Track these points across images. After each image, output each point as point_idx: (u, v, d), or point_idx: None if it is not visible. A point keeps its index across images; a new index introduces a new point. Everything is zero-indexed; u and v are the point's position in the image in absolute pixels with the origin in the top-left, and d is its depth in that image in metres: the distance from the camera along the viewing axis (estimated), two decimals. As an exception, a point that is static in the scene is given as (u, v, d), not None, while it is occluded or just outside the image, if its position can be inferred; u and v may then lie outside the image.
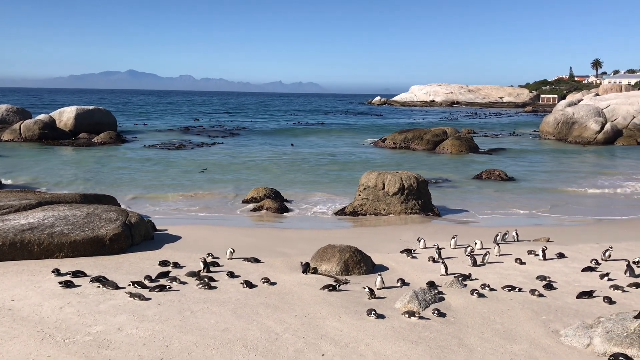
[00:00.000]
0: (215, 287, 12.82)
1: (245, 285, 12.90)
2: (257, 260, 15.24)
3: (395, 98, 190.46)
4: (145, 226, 17.64)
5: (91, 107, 58.06)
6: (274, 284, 13.20)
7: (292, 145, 53.31)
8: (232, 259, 15.40)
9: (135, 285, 12.57)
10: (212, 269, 14.33)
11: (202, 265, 14.18)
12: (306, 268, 14.31)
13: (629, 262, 14.62)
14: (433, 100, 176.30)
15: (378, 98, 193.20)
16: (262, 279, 13.33)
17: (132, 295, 11.85)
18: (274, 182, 30.25)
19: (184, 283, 13.06)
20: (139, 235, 16.96)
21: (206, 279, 13.21)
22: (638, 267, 14.89)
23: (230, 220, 22.42)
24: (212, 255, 15.58)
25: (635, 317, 10.14)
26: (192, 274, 13.67)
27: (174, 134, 61.97)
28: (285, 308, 11.52)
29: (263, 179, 32.33)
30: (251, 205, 24.75)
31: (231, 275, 13.79)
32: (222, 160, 41.94)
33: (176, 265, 14.58)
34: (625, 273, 14.22)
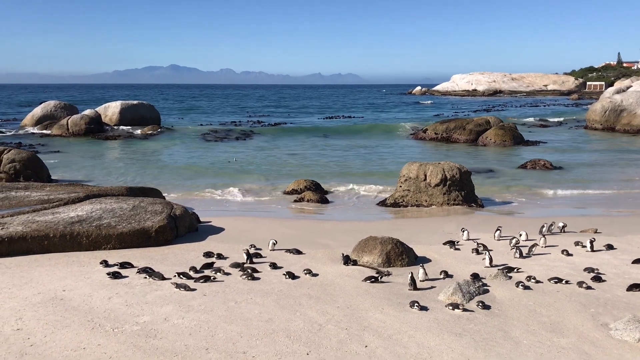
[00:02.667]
0: (258, 278, 12.96)
1: (287, 277, 13.00)
2: (298, 252, 15.33)
3: (436, 87, 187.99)
4: (190, 218, 17.94)
5: (135, 102, 59.40)
6: (315, 275, 13.26)
7: (328, 137, 53.28)
8: (274, 250, 15.54)
9: (181, 276, 12.82)
10: (255, 260, 14.49)
11: (245, 257, 14.35)
12: (347, 260, 14.33)
13: (682, 254, 14.12)
14: (475, 89, 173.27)
15: (419, 88, 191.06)
16: (304, 270, 13.40)
17: (177, 286, 12.09)
18: (314, 175, 30.33)
19: (228, 274, 13.24)
20: (184, 227, 17.27)
21: (249, 270, 13.37)
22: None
23: (271, 212, 22.60)
24: (254, 246, 15.75)
25: (690, 311, 9.80)
26: (235, 265, 13.86)
27: (214, 127, 62.71)
28: (327, 299, 11.57)
29: (303, 172, 32.43)
30: (292, 197, 24.89)
31: (274, 266, 13.92)
32: (262, 154, 42.31)
33: (220, 256, 14.80)
34: (678, 265, 13.75)
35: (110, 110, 56.78)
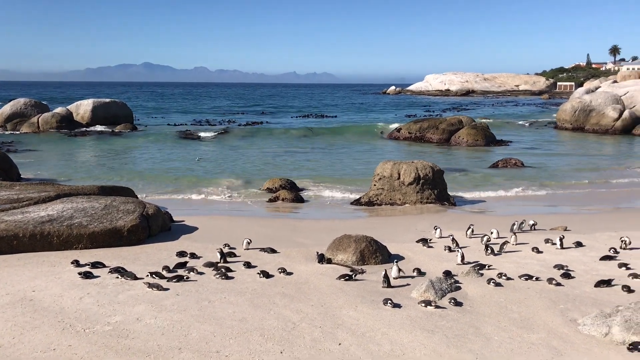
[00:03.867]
0: (232, 277, 12.92)
1: (262, 275, 12.99)
2: (273, 251, 15.32)
3: (410, 87, 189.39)
4: (163, 217, 17.79)
5: (107, 100, 58.65)
6: (290, 274, 13.27)
7: (303, 136, 53.26)
8: (248, 249, 15.50)
9: (154, 275, 12.71)
10: (229, 259, 14.44)
11: (219, 256, 14.29)
12: (322, 258, 14.37)
13: (647, 250, 14.48)
14: (448, 89, 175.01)
15: (393, 88, 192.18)
16: (278, 269, 13.40)
17: (150, 285, 11.99)
18: (289, 174, 30.32)
19: (202, 273, 13.17)
20: (157, 226, 17.11)
21: (223, 269, 13.32)
22: (657, 255, 14.74)
23: (246, 211, 22.53)
24: (228, 245, 15.69)
25: (655, 306, 10.05)
26: (209, 265, 13.79)
27: (188, 126, 62.28)
28: (301, 298, 11.59)
29: (278, 171, 32.38)
30: (267, 196, 24.85)
31: (248, 265, 13.89)
32: (236, 153, 42.15)
33: (193, 255, 14.71)
34: (643, 261, 14.10)
35: (82, 108, 55.93)
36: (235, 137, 51.57)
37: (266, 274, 13.02)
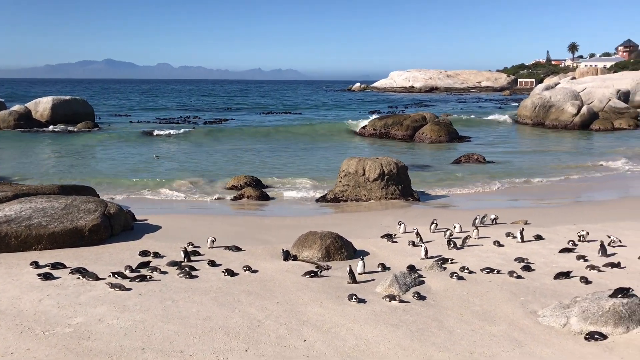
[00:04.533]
0: (196, 276, 12.81)
1: (226, 274, 12.91)
2: (238, 249, 15.23)
3: (374, 84, 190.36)
4: (125, 216, 17.51)
5: (68, 98, 57.33)
6: (255, 271, 13.22)
7: (268, 134, 53.03)
8: (213, 247, 15.38)
9: (116, 275, 12.51)
10: (193, 258, 14.30)
11: (182, 255, 14.14)
12: (287, 255, 14.36)
13: (602, 242, 14.87)
14: (412, 86, 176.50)
15: (358, 84, 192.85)
16: (243, 267, 13.35)
17: (112, 286, 11.80)
18: (255, 172, 30.16)
19: (165, 273, 13.02)
20: (119, 225, 16.84)
21: (187, 268, 13.18)
22: (612, 247, 15.17)
23: (210, 209, 22.35)
24: (192, 244, 15.52)
25: (610, 296, 10.36)
26: (173, 264, 13.64)
27: (150, 124, 61.40)
28: (267, 295, 11.57)
29: (243, 169, 32.17)
30: (232, 194, 24.69)
31: (212, 264, 13.79)
32: (200, 150, 41.75)
33: (157, 255, 14.54)
34: (598, 253, 14.49)
35: (41, 106, 54.52)
36: (199, 135, 51.00)
37: (231, 272, 12.95)
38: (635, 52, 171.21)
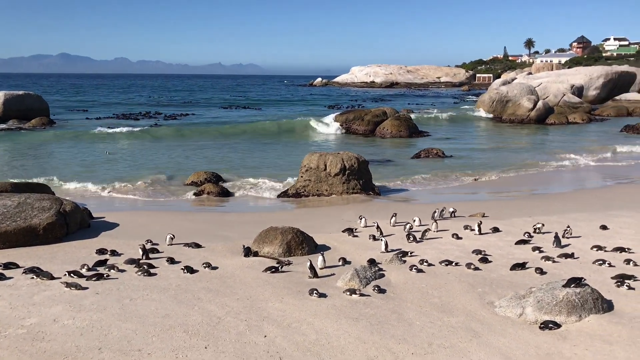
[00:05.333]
0: (155, 274, 12.62)
1: (186, 271, 12.76)
2: (197, 245, 15.07)
3: (336, 79, 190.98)
4: (81, 214, 17.12)
5: (21, 92, 55.58)
6: (215, 268, 13.11)
7: (228, 130, 52.55)
8: (172, 244, 15.18)
9: (72, 274, 12.23)
10: (151, 255, 14.06)
11: (141, 252, 13.91)
12: (248, 251, 14.28)
13: (556, 233, 15.28)
14: (373, 81, 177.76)
15: (319, 79, 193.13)
16: (203, 264, 13.22)
17: (68, 285, 11.53)
18: (215, 167, 29.89)
19: (123, 271, 12.79)
20: (75, 223, 16.46)
21: (145, 266, 12.97)
22: (566, 238, 15.59)
23: (169, 205, 22.06)
24: (151, 241, 15.28)
25: (564, 286, 10.65)
26: (130, 262, 13.41)
27: (108, 119, 60.20)
28: (227, 292, 11.48)
29: (203, 166, 31.81)
30: (192, 190, 24.40)
31: (171, 261, 13.61)
32: (159, 146, 41.12)
33: (114, 253, 14.26)
34: (552, 244, 14.88)
35: (-8, 101, 52.73)
36: (158, 131, 50.19)
37: (190, 270, 12.81)
38: (588, 48, 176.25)
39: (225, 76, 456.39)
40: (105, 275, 12.31)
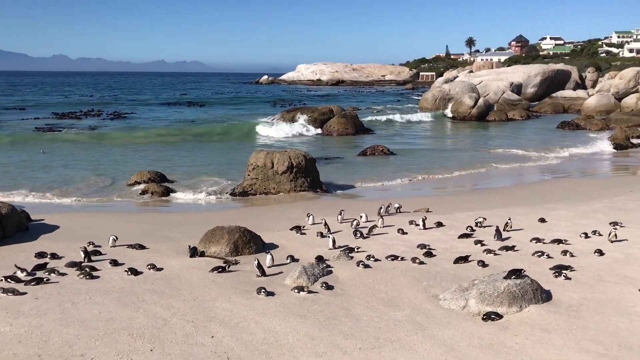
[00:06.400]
0: (97, 277, 12.30)
1: (129, 273, 12.49)
2: (142, 247, 14.76)
3: (282, 77, 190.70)
4: (19, 217, 16.48)
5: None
6: (160, 269, 12.88)
7: (175, 128, 51.68)
8: (115, 246, 14.82)
9: (9, 279, 11.78)
10: (93, 258, 13.69)
11: (82, 255, 13.51)
12: (194, 251, 14.10)
13: (497, 227, 15.75)
14: (319, 79, 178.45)
15: (265, 77, 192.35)
16: (147, 265, 12.96)
17: (4, 290, 11.08)
18: (159, 167, 29.30)
19: (64, 274, 12.40)
20: (12, 226, 15.82)
21: (87, 269, 12.62)
22: (506, 231, 16.09)
23: (112, 206, 21.51)
24: (93, 243, 14.86)
25: (505, 278, 10.99)
26: (72, 265, 13.01)
27: (46, 120, 58.09)
28: (172, 293, 11.30)
29: (146, 165, 31.15)
30: (135, 190, 23.86)
31: (114, 263, 13.29)
32: (100, 147, 39.99)
33: (54, 256, 13.80)
34: (494, 237, 15.33)
35: None
36: (100, 130, 48.84)
37: (134, 271, 12.55)
38: (526, 47, 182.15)
39: (168, 74, 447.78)
40: (44, 280, 11.90)
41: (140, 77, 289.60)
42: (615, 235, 14.81)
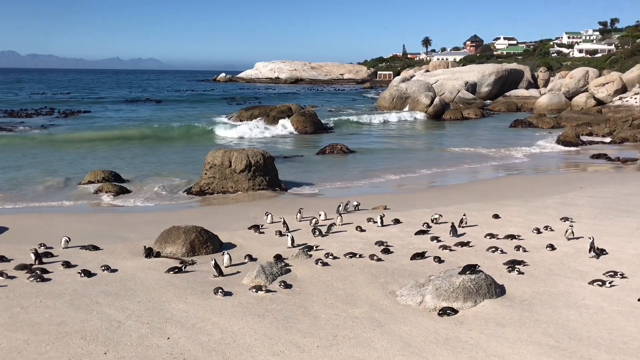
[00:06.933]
0: (49, 279, 11.95)
1: (83, 275, 12.18)
2: (95, 248, 14.42)
3: (240, 75, 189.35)
4: (-36, 219, 15.88)
5: None
6: (115, 270, 12.60)
7: (130, 127, 50.63)
8: (67, 248, 14.43)
9: (-47, 284, 11.32)
10: (45, 260, 13.31)
11: (33, 257, 13.11)
12: (149, 252, 13.85)
13: (453, 223, 16.01)
14: (278, 77, 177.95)
15: (223, 75, 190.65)
16: (101, 267, 12.67)
17: (-51, 296, 10.66)
18: (113, 166, 28.71)
19: (13, 277, 12.01)
20: (-44, 229, 15.24)
21: (38, 271, 12.25)
22: (462, 227, 16.37)
23: (64, 207, 20.93)
24: (44, 245, 14.44)
25: (460, 273, 11.17)
26: (21, 267, 12.60)
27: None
28: (127, 295, 11.08)
29: (100, 163, 30.45)
30: (88, 190, 23.29)
31: (67, 265, 12.94)
32: (50, 147, 38.87)
33: (2, 258, 13.35)
34: (449, 234, 15.58)
35: None
36: (52, 129, 47.50)
37: (88, 273, 12.24)
38: (481, 47, 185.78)
39: (124, 71, 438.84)
40: (-8, 284, 11.50)
41: (95, 74, 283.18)
42: (572, 232, 15.06)
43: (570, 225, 15.53)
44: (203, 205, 21.66)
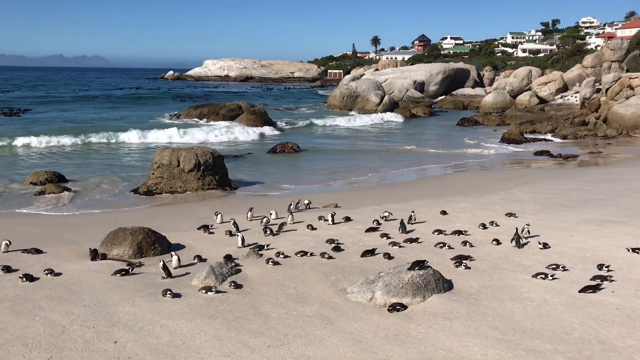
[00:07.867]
0: (-13, 285, 11.48)
1: (24, 279, 11.76)
2: (38, 251, 13.94)
3: (189, 72, 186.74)
4: None
5: None
6: (59, 274, 12.22)
7: (73, 127, 49.06)
8: (8, 252, 13.90)
9: None
10: (-17, 265, 12.78)
11: (-30, 263, 12.58)
12: (95, 254, 13.50)
13: (402, 220, 16.23)
14: (227, 75, 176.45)
15: (171, 72, 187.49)
16: (45, 271, 12.26)
17: None
18: (57, 167, 27.82)
19: (-52, 284, 11.48)
20: None
21: (-24, 277, 11.76)
22: (411, 224, 16.63)
23: (4, 209, 20.14)
24: (-18, 250, 13.87)
25: (409, 269, 11.35)
26: (-42, 273, 12.07)
27: None
28: (72, 299, 10.76)
29: (42, 164, 29.46)
30: (30, 192, 22.48)
31: (7, 269, 12.45)
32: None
33: (-63, 265, 12.74)
34: (399, 230, 15.79)
35: None
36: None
37: (30, 277, 11.83)
38: (428, 47, 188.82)
39: (67, 69, 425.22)
40: None
41: (36, 71, 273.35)
42: (529, 231, 15.16)
43: (527, 224, 15.40)
44: (151, 206, 21.24)
